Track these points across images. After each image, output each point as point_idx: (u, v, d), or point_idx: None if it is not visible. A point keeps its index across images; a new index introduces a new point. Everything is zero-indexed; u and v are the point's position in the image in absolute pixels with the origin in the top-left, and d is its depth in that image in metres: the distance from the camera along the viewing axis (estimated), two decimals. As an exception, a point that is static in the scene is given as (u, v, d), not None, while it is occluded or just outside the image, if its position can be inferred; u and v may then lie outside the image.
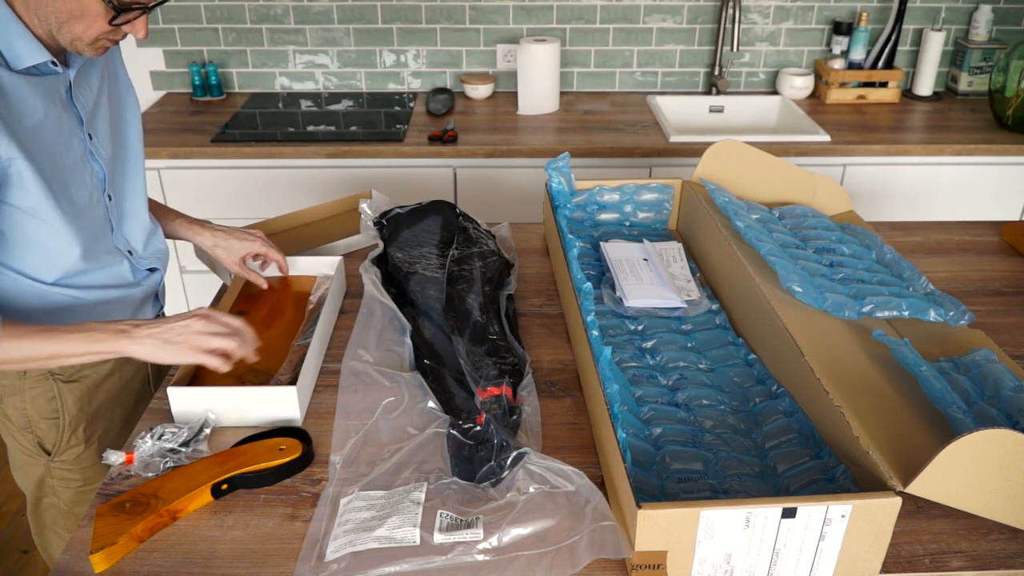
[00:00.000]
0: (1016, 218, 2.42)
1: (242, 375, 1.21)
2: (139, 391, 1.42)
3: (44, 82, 1.10)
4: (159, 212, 1.43)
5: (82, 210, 1.17)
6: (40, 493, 1.37)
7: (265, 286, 1.44)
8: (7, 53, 1.05)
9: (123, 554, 0.94)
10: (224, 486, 1.02)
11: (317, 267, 1.49)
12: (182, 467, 1.03)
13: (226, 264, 1.42)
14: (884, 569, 0.92)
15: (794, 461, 1.04)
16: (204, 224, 1.43)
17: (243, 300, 1.43)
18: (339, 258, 1.48)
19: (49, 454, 1.32)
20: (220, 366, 1.09)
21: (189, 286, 2.46)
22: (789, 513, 0.87)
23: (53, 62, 1.10)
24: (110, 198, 1.24)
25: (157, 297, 1.41)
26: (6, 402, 1.27)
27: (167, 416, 1.16)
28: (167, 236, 1.43)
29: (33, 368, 1.10)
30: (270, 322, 1.37)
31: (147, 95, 2.69)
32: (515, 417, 1.12)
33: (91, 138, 1.19)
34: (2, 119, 1.03)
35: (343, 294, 1.49)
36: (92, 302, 1.24)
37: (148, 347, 1.06)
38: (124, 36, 1.12)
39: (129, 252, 1.29)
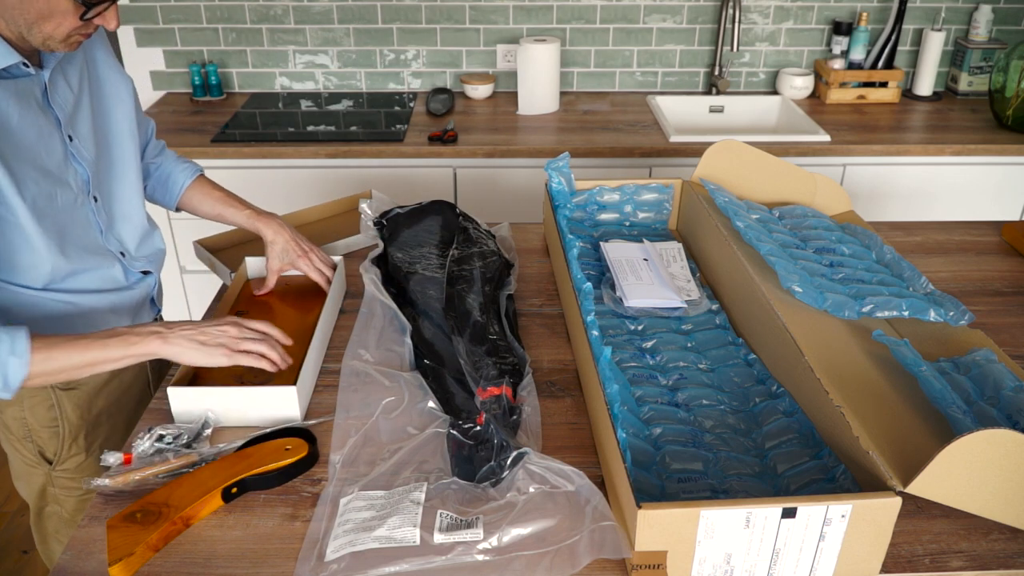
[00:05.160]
0: (1016, 218, 2.42)
1: (241, 375, 1.21)
2: (140, 396, 1.41)
3: (17, 85, 1.07)
4: (228, 202, 1.42)
5: (64, 213, 1.15)
6: (42, 502, 1.36)
7: (259, 292, 1.42)
8: None
9: (140, 564, 0.93)
10: (234, 489, 1.02)
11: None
12: (189, 473, 1.03)
13: (269, 259, 1.40)
14: (884, 569, 0.92)
15: (794, 461, 1.04)
16: (273, 217, 1.42)
17: (243, 300, 1.43)
18: (339, 258, 1.48)
19: (51, 463, 1.31)
20: (267, 366, 1.12)
21: (189, 286, 2.46)
22: (789, 513, 0.87)
23: (25, 63, 1.06)
24: (96, 199, 1.21)
25: (154, 301, 1.39)
26: (5, 412, 1.26)
27: (167, 416, 1.15)
28: (233, 224, 1.43)
29: (63, 380, 1.06)
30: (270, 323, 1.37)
31: (147, 95, 2.69)
32: (515, 417, 1.12)
33: (72, 139, 1.16)
34: None
35: (343, 294, 1.49)
36: (86, 307, 1.22)
37: (181, 348, 1.07)
38: (96, 29, 1.09)
39: (121, 254, 1.27)
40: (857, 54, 2.64)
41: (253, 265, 1.48)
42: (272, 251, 1.40)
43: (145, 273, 1.33)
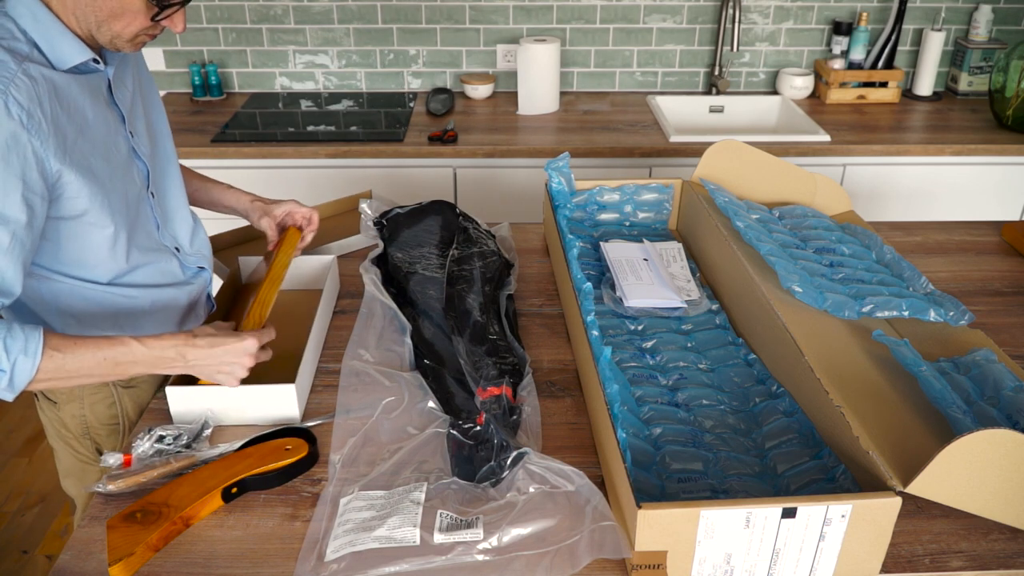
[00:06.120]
0: (1016, 218, 2.42)
1: None
2: None
3: (89, 81, 1.10)
4: (201, 181, 1.45)
5: (131, 208, 1.17)
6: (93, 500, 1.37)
7: (271, 247, 1.42)
8: (52, 55, 1.04)
9: (140, 564, 0.93)
10: (234, 489, 1.02)
11: (315, 267, 1.49)
12: (189, 473, 1.03)
13: (256, 222, 1.42)
14: (884, 569, 0.92)
15: (794, 461, 1.04)
16: (244, 191, 1.45)
17: (236, 298, 1.43)
18: (332, 257, 1.48)
19: None
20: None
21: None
22: (789, 513, 0.87)
23: (95, 60, 1.08)
24: (153, 195, 1.24)
25: (210, 296, 1.41)
26: (64, 409, 1.27)
27: (167, 416, 1.15)
28: (207, 205, 1.46)
29: (72, 384, 1.06)
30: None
31: (147, 95, 2.69)
32: (515, 417, 1.12)
33: (133, 135, 1.19)
34: (56, 124, 1.01)
35: (337, 290, 1.48)
36: (148, 301, 1.24)
37: (199, 373, 1.09)
38: (162, 30, 1.11)
39: (176, 249, 1.29)
40: (857, 54, 2.64)
41: (246, 265, 1.48)
42: (252, 215, 1.42)
43: (200, 268, 1.36)
